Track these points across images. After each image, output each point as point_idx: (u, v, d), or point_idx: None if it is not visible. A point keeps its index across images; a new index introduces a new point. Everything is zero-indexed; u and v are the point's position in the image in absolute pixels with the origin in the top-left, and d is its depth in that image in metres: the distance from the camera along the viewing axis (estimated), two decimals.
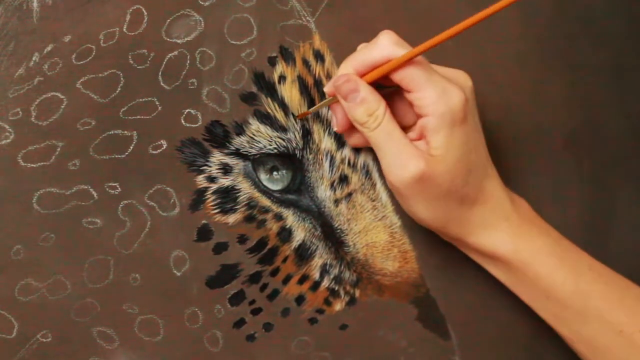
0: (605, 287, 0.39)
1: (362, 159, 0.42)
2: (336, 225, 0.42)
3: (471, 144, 0.38)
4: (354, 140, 0.41)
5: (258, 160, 0.40)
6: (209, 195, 0.39)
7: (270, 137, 0.40)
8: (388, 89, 0.39)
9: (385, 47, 0.37)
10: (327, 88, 0.39)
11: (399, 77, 0.37)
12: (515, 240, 0.39)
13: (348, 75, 0.37)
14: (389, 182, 0.38)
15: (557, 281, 0.39)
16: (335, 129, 0.40)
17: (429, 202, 0.38)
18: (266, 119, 0.40)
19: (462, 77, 0.39)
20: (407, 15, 0.44)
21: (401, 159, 0.37)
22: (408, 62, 0.36)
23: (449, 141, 0.37)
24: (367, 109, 0.37)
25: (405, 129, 0.39)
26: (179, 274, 0.39)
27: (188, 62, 0.39)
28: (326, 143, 0.41)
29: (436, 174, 0.37)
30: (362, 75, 0.38)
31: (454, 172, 0.37)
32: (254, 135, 0.40)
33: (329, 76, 0.41)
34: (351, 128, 0.39)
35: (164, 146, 0.39)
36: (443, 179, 0.37)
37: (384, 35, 0.37)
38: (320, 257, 0.42)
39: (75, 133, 0.37)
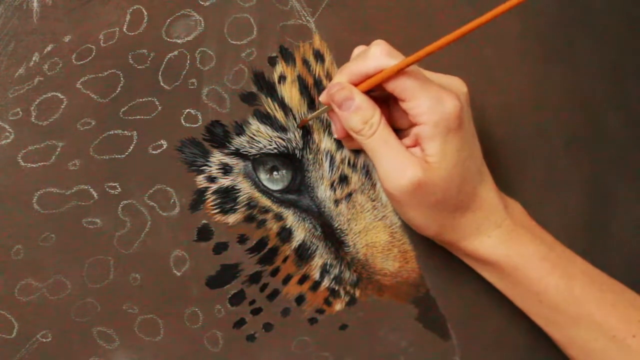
0: (599, 292, 0.39)
1: (362, 159, 0.42)
2: (336, 225, 0.42)
3: (466, 150, 0.38)
4: (351, 144, 0.41)
5: (258, 160, 0.40)
6: (209, 195, 0.39)
7: (270, 137, 0.40)
8: (382, 92, 0.39)
9: (377, 57, 0.36)
10: (322, 97, 0.39)
11: (392, 87, 0.36)
12: (507, 246, 0.39)
13: (342, 83, 0.37)
14: (385, 189, 0.38)
15: (550, 286, 0.39)
16: (335, 135, 0.40)
17: (424, 209, 0.38)
18: (266, 119, 0.40)
19: (457, 83, 0.39)
20: (407, 15, 0.44)
21: (398, 167, 0.36)
22: (401, 71, 0.36)
23: (444, 149, 0.37)
24: (362, 117, 0.37)
25: (401, 132, 0.39)
26: (179, 274, 0.39)
27: (188, 62, 0.39)
28: (326, 143, 0.41)
29: (432, 182, 0.37)
30: (355, 86, 0.37)
31: (450, 180, 0.37)
32: (254, 135, 0.40)
33: (328, 76, 0.41)
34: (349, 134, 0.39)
35: (164, 146, 0.39)
36: (439, 187, 0.37)
37: (376, 46, 0.37)
38: (321, 257, 0.42)
39: (75, 133, 0.37)
